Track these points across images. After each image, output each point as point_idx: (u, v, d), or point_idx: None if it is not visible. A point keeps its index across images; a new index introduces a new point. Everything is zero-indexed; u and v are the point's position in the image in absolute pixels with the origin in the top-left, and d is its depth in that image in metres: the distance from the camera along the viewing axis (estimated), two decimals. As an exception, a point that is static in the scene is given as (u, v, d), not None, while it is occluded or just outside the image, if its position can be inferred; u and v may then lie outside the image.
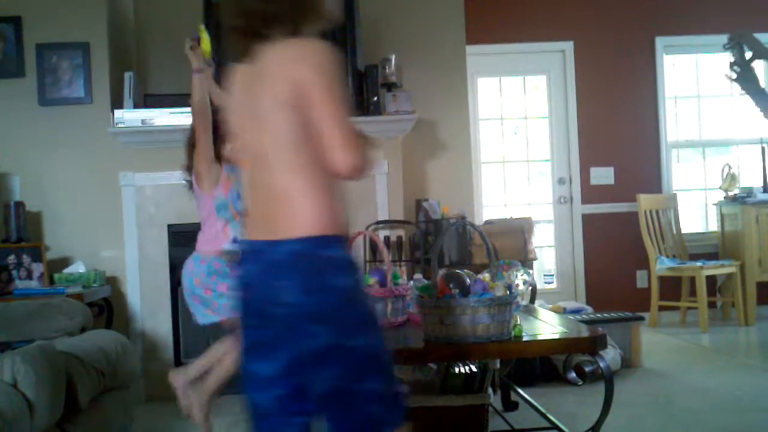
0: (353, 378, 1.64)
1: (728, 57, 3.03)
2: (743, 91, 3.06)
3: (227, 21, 1.73)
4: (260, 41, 1.69)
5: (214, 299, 2.99)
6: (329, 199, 1.66)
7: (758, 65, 3.02)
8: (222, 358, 3.07)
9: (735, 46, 2.95)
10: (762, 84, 2.98)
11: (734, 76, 2.96)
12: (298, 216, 1.64)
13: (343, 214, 1.70)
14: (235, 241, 3.00)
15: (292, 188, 1.65)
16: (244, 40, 1.72)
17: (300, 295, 1.61)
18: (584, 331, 2.73)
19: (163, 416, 3.84)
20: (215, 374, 3.06)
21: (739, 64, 2.94)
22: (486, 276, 2.70)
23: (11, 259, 3.93)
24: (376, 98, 4.27)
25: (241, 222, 3.06)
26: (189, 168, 3.08)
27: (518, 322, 2.63)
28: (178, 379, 3.09)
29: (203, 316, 3.04)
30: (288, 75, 1.63)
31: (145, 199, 4.20)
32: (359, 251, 4.16)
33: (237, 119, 1.78)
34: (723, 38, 3.12)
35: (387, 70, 4.38)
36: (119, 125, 4.10)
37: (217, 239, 3.00)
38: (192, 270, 3.01)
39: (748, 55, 2.95)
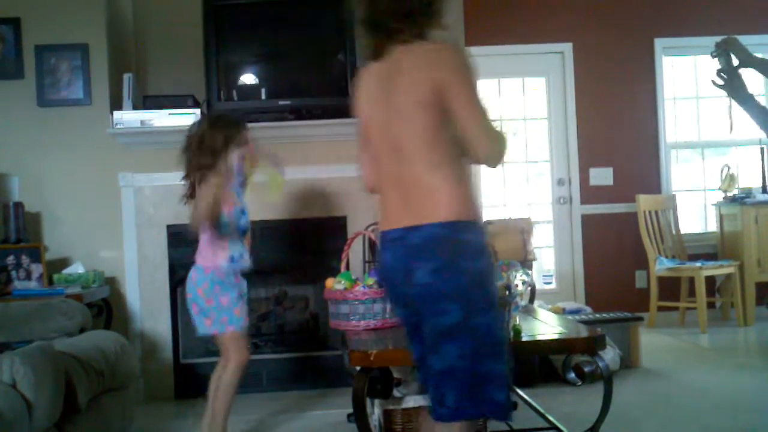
0: (473, 357, 1.75)
1: (716, 64, 3.03)
2: (731, 99, 3.05)
3: (359, 15, 1.89)
4: (390, 39, 1.83)
5: (213, 310, 2.99)
6: (464, 187, 1.80)
7: (745, 72, 3.01)
8: (217, 388, 3.08)
9: (722, 53, 2.94)
10: (750, 91, 2.96)
11: (721, 83, 2.95)
12: (437, 203, 1.76)
13: (476, 200, 1.84)
14: (233, 259, 3.01)
15: (431, 178, 1.77)
16: (375, 37, 1.87)
17: (433, 274, 1.73)
18: (583, 332, 2.73)
19: (162, 416, 3.85)
20: (220, 402, 3.06)
21: (726, 71, 2.93)
22: (485, 276, 2.70)
23: (10, 259, 3.93)
24: (375, 99, 4.26)
25: (241, 240, 3.05)
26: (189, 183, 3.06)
27: (517, 323, 2.63)
28: None
29: (202, 326, 3.06)
30: (429, 76, 1.77)
31: (144, 199, 4.20)
32: (358, 252, 4.16)
33: (369, 117, 1.89)
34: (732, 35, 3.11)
35: (386, 71, 4.37)
36: (118, 126, 4.10)
37: (216, 256, 3.00)
38: (196, 280, 3.02)
39: (736, 62, 2.94)
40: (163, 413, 3.91)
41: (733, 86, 2.94)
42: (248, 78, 4.38)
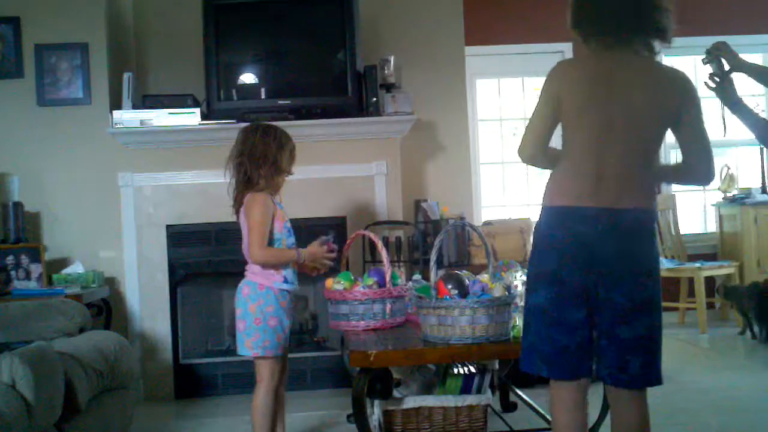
0: (656, 329, 2.07)
1: (708, 68, 3.06)
2: (722, 103, 3.08)
3: (594, 21, 2.30)
4: (622, 48, 2.16)
5: (258, 331, 2.84)
6: (656, 186, 2.19)
7: (736, 77, 3.04)
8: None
9: (714, 59, 2.97)
10: (739, 95, 2.99)
11: (713, 86, 2.99)
12: (643, 193, 2.10)
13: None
14: (286, 280, 2.89)
15: (641, 173, 2.10)
16: (607, 43, 2.20)
17: (638, 252, 2.04)
18: (583, 332, 2.72)
19: (162, 417, 3.85)
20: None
21: (719, 75, 2.97)
22: (485, 277, 2.70)
23: (10, 259, 3.93)
24: (375, 99, 4.26)
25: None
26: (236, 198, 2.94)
27: (517, 323, 2.62)
28: None
29: (242, 347, 2.89)
30: (667, 96, 2.11)
31: (144, 199, 4.20)
32: (358, 252, 4.16)
33: (580, 106, 2.18)
34: (722, 40, 3.12)
35: (386, 71, 4.37)
36: (118, 126, 4.09)
37: (268, 273, 2.87)
38: (248, 295, 2.87)
39: (727, 67, 2.97)
40: (163, 413, 3.91)
41: (724, 90, 3.00)
42: (248, 77, 4.38)
